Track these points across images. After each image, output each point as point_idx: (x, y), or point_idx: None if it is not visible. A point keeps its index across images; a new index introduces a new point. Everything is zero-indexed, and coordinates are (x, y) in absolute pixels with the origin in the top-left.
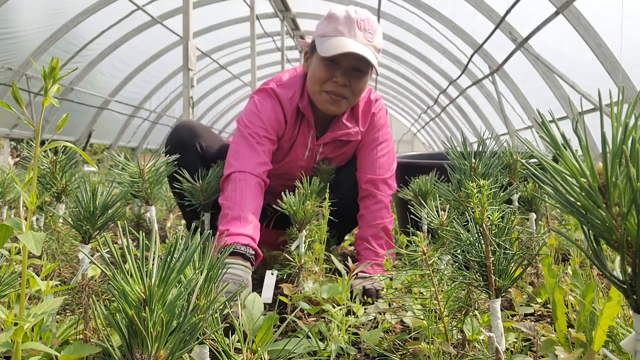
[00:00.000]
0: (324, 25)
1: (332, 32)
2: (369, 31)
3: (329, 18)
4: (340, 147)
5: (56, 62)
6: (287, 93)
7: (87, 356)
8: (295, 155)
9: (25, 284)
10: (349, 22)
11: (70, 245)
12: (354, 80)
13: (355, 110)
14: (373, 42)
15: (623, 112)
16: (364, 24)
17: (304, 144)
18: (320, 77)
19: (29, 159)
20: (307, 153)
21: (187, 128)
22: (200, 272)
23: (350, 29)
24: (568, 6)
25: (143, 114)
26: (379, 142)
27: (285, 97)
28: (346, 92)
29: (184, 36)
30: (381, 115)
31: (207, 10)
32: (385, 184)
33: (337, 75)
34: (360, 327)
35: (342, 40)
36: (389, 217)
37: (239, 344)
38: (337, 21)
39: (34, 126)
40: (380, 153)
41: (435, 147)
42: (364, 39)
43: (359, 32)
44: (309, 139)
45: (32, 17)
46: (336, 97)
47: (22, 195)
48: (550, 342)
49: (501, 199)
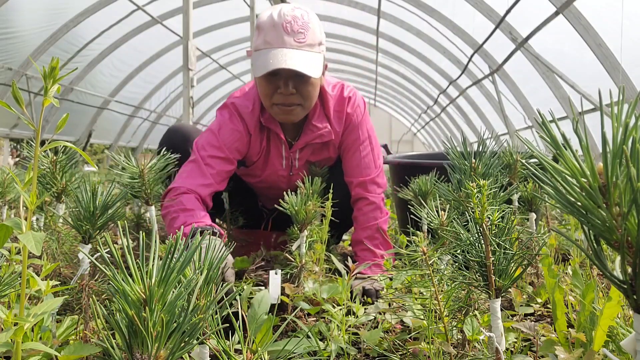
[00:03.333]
0: (255, 38)
1: (261, 45)
2: (299, 31)
3: (257, 29)
4: (319, 149)
5: (56, 62)
6: (247, 105)
7: (87, 356)
8: (274, 167)
9: (26, 284)
10: (275, 29)
11: (70, 245)
12: (300, 85)
13: (326, 109)
14: (306, 41)
15: (623, 112)
16: (291, 26)
17: (279, 155)
18: (266, 93)
19: (29, 159)
20: (284, 162)
21: (179, 132)
22: (200, 272)
23: (277, 36)
24: (568, 6)
25: (143, 114)
26: (360, 141)
27: (246, 111)
28: (296, 99)
29: (184, 36)
30: (357, 113)
31: (207, 10)
32: (374, 184)
33: (280, 85)
34: (360, 327)
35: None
36: (382, 217)
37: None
38: (264, 31)
39: (34, 126)
40: (363, 153)
41: (435, 147)
42: (295, 42)
43: (287, 37)
44: (282, 148)
45: (32, 17)
46: (287, 107)
47: (22, 195)
48: (550, 342)
49: (501, 199)
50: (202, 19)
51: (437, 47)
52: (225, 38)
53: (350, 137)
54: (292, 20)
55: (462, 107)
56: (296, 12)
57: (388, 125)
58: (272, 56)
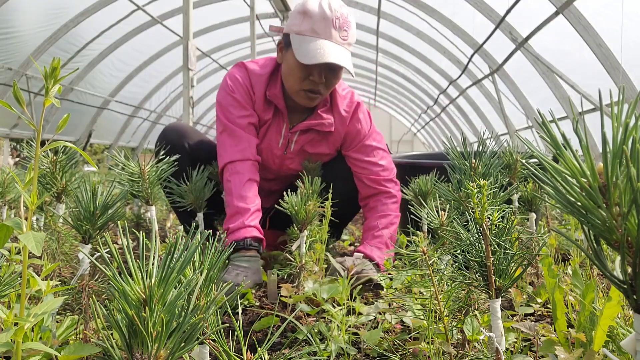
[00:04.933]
0: (298, 21)
1: (307, 32)
2: (344, 28)
3: (304, 14)
4: (318, 140)
5: (57, 62)
6: (260, 73)
7: (87, 356)
8: (270, 142)
9: (26, 284)
10: (325, 21)
11: (70, 245)
12: (330, 77)
13: (334, 106)
14: (348, 39)
15: (623, 112)
16: (339, 22)
17: (279, 131)
18: (299, 77)
19: (29, 159)
20: (281, 140)
21: (174, 130)
22: (200, 272)
23: (326, 27)
24: (568, 6)
25: (143, 114)
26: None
27: (257, 79)
28: (322, 89)
29: (184, 36)
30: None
31: (207, 10)
32: (392, 182)
33: (313, 74)
34: (360, 327)
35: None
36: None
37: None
38: (312, 19)
39: (35, 126)
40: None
41: (435, 147)
42: (340, 39)
43: (334, 31)
44: (283, 127)
45: (32, 17)
46: (313, 94)
47: (22, 195)
48: (550, 342)
49: (501, 199)
50: (202, 19)
51: (437, 47)
52: (225, 38)
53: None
54: (341, 16)
55: (462, 107)
56: (343, 10)
57: (388, 125)
58: (320, 47)
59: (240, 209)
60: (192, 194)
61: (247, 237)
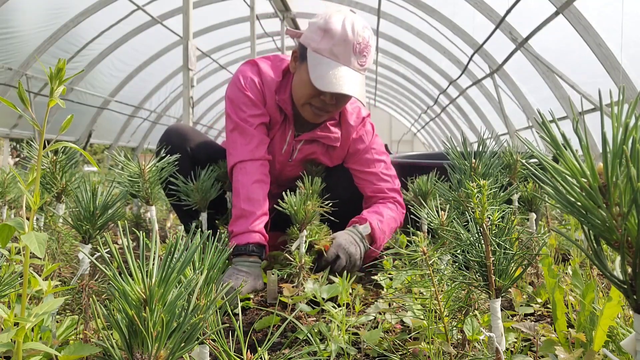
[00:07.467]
0: (318, 37)
1: (325, 52)
2: (364, 54)
3: (325, 31)
4: (321, 153)
5: (63, 63)
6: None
7: (87, 356)
8: (273, 147)
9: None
10: (345, 45)
11: (70, 245)
12: (341, 101)
13: (343, 122)
14: (365, 65)
15: (623, 112)
16: (360, 47)
17: (284, 137)
18: (309, 94)
19: (29, 159)
20: (285, 147)
21: (176, 132)
22: (200, 272)
23: (345, 52)
24: (568, 6)
25: (143, 114)
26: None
27: (269, 80)
28: (331, 109)
29: (184, 36)
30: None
31: (207, 10)
32: (396, 191)
33: (325, 94)
34: (360, 327)
35: (335, 74)
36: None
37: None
38: (333, 39)
39: (39, 126)
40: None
41: (435, 147)
42: (357, 64)
43: (353, 58)
44: (288, 134)
45: (32, 17)
46: (320, 111)
47: (24, 195)
48: (550, 342)
49: (501, 199)
50: (202, 18)
51: (437, 47)
52: (225, 38)
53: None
54: (362, 41)
55: (462, 107)
56: (365, 33)
57: (388, 125)
58: (337, 74)
59: (245, 212)
60: (199, 193)
61: (250, 242)
